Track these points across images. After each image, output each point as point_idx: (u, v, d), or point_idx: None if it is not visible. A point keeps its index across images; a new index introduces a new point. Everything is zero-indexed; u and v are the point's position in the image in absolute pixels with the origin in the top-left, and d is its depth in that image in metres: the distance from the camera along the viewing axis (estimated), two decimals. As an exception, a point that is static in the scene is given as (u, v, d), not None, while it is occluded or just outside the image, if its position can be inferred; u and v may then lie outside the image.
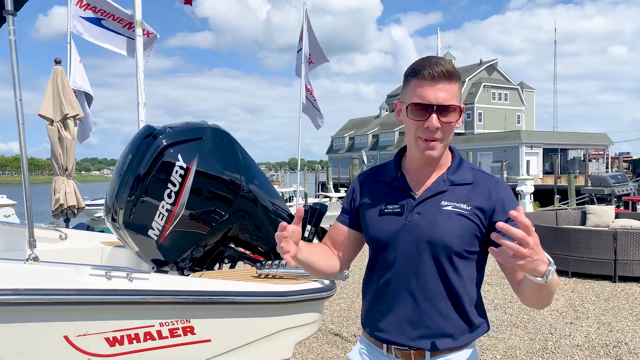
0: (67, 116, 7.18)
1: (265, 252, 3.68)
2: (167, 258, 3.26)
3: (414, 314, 1.58)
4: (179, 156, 3.12)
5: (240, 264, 3.72)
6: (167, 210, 3.10)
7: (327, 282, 2.75)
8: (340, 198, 33.25)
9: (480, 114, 57.49)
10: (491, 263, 9.22)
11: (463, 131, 56.66)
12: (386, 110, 68.03)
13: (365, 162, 36.80)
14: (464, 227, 1.54)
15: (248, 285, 2.54)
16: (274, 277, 2.77)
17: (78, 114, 7.29)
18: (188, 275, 3.25)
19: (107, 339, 2.18)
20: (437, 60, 1.52)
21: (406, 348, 1.60)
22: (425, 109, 1.50)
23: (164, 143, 3.13)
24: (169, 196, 3.10)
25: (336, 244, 1.76)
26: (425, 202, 1.58)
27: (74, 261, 3.95)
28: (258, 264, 2.91)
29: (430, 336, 1.57)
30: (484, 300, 1.80)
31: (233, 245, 3.67)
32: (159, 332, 2.28)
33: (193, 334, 2.37)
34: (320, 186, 50.01)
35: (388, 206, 1.62)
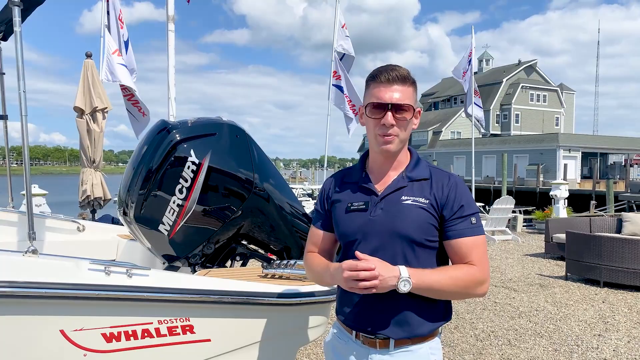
0: (97, 109, 7.31)
1: (278, 251, 3.63)
2: (178, 253, 3.24)
3: (379, 304, 1.69)
4: (192, 151, 3.09)
5: (252, 261, 3.68)
6: (178, 205, 3.07)
7: (335, 285, 2.67)
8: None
9: (517, 115, 56.26)
10: (518, 269, 8.98)
11: (499, 132, 55.62)
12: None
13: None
14: (423, 218, 1.69)
15: (251, 285, 2.48)
16: (280, 277, 2.71)
17: (107, 107, 7.40)
18: (198, 271, 3.23)
19: (104, 335, 2.16)
20: (392, 67, 1.72)
21: (372, 336, 1.72)
22: (382, 107, 1.69)
23: (177, 138, 3.11)
24: (180, 191, 3.07)
25: (318, 248, 1.92)
26: (387, 197, 1.73)
27: (89, 253, 3.99)
28: (264, 264, 2.85)
29: (394, 325, 1.69)
30: (509, 307, 1.82)
31: (245, 243, 3.64)
32: (157, 330, 2.25)
33: (192, 333, 2.33)
34: (351, 184, 49.74)
35: (354, 203, 1.78)
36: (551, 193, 15.04)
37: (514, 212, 16.40)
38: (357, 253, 1.57)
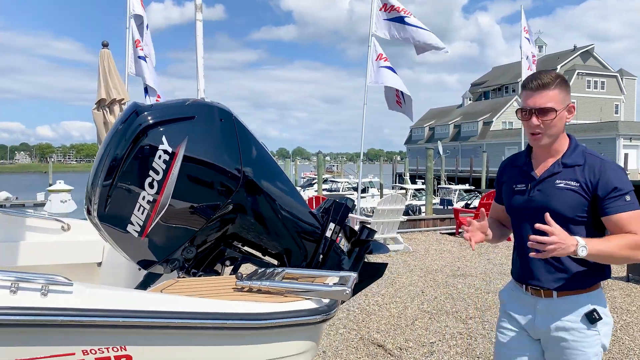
0: (114, 100, 6.98)
1: (277, 254, 3.10)
2: (155, 257, 2.77)
3: (544, 263, 2.10)
4: (164, 138, 2.59)
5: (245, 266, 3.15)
6: (148, 202, 2.59)
7: (325, 301, 2.11)
8: (417, 190, 31.65)
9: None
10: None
11: (553, 122, 53.08)
12: (470, 100, 64.80)
13: (441, 153, 34.88)
14: (574, 199, 2.04)
15: (212, 304, 1.94)
16: (258, 291, 2.17)
17: (123, 98, 7.06)
18: (182, 277, 2.77)
19: (8, 370, 1.69)
20: (538, 75, 2.07)
21: (538, 288, 2.15)
22: (527, 112, 2.07)
23: (148, 121, 2.61)
24: (151, 185, 2.58)
25: (498, 217, 2.44)
26: (544, 181, 2.12)
27: (72, 255, 3.58)
28: (239, 274, 2.33)
29: (557, 279, 2.10)
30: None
31: (239, 245, 3.12)
32: (81, 363, 1.76)
33: (131, 365, 1.83)
34: (397, 177, 48.76)
35: (518, 185, 2.21)
36: (610, 184, 13.87)
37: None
38: (538, 225, 1.89)
